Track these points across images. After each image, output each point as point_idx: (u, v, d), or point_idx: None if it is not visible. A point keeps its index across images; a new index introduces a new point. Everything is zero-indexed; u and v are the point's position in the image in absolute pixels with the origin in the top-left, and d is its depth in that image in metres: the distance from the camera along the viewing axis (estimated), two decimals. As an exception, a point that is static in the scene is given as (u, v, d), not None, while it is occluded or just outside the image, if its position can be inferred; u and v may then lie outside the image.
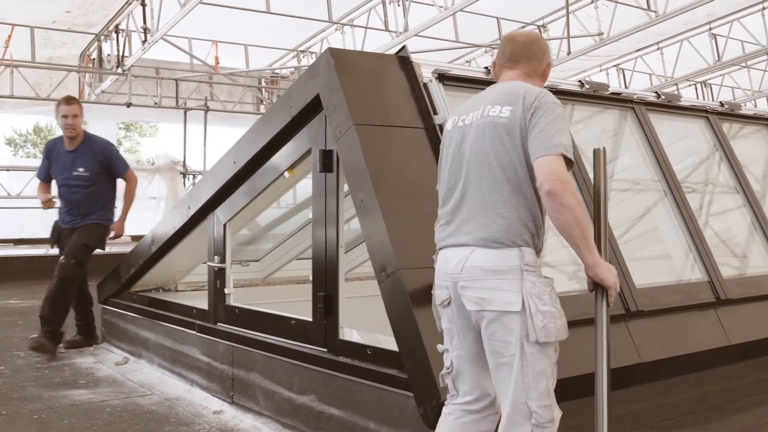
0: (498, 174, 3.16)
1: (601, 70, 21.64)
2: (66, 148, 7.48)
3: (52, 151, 7.62)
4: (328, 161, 4.60)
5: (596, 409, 3.28)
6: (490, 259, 3.12)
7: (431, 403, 3.72)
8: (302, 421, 4.77)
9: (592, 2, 16.56)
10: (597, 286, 3.26)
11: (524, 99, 3.18)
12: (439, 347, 3.42)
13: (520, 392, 3.09)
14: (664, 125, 6.13)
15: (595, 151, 3.50)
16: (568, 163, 3.10)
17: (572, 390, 3.58)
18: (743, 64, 21.08)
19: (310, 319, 4.81)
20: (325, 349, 4.63)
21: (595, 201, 3.45)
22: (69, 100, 7.52)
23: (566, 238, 3.12)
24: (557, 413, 3.15)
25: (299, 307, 5.16)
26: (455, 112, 3.48)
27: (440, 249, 3.33)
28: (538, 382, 3.09)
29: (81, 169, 7.38)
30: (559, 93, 5.39)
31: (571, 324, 3.24)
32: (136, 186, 7.88)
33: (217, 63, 18.18)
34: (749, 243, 6.35)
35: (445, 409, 3.40)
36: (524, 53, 3.48)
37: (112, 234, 7.60)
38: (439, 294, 3.32)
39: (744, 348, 5.36)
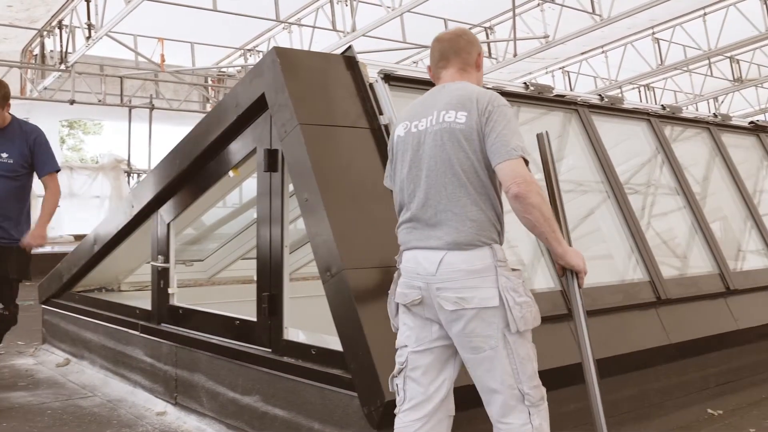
0: (462, 178, 3.24)
1: (546, 73, 21.86)
2: None
3: None
4: (273, 161, 4.59)
5: (588, 389, 3.44)
6: (465, 260, 3.21)
7: (375, 403, 3.73)
8: (246, 422, 4.74)
9: (539, 5, 16.72)
10: (567, 272, 3.42)
11: (477, 103, 3.27)
12: (398, 344, 3.43)
13: (511, 379, 3.24)
14: (607, 127, 6.22)
15: (539, 136, 3.59)
16: (525, 162, 3.21)
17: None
18: (685, 69, 21.46)
19: (255, 320, 4.78)
20: (270, 350, 4.61)
21: (547, 183, 3.55)
22: None
23: (536, 234, 3.28)
24: (544, 391, 3.33)
25: (244, 307, 5.14)
26: (404, 118, 3.50)
27: (406, 250, 3.39)
28: (525, 366, 3.25)
29: (5, 155, 5.89)
30: (505, 95, 5.38)
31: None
32: (58, 197, 6.26)
33: (163, 61, 17.98)
34: (689, 244, 6.47)
35: (397, 422, 3.39)
36: (452, 49, 3.58)
37: (27, 244, 5.99)
38: (407, 293, 3.35)
39: (683, 347, 5.46)
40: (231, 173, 5.13)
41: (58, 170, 6.27)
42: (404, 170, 3.39)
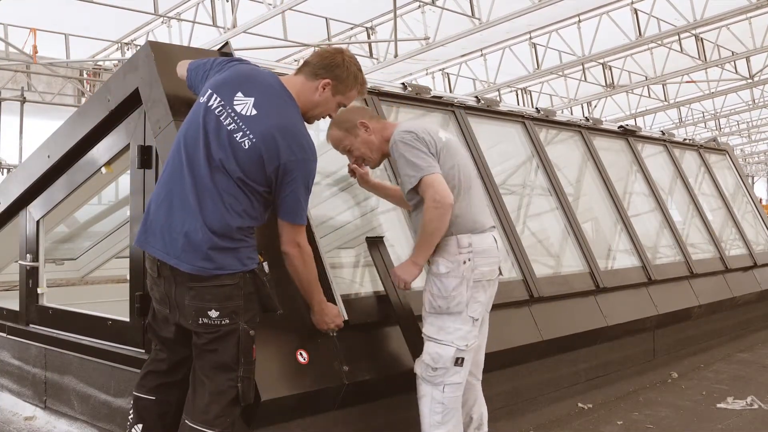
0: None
1: (427, 74, 22.13)
2: None
3: None
4: (146, 157, 4.48)
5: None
6: None
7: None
8: (119, 425, 4.63)
9: (419, 7, 16.89)
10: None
11: None
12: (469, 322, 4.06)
13: None
14: (483, 129, 6.33)
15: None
16: None
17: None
18: (560, 73, 22.10)
19: (128, 320, 4.67)
20: (143, 350, 4.51)
21: None
22: None
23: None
24: None
25: (117, 307, 5.01)
26: (435, 127, 4.28)
27: (486, 231, 4.11)
28: None
29: None
30: (383, 95, 5.49)
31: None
32: None
33: (35, 52, 17.33)
34: (562, 243, 6.66)
35: (455, 391, 4.05)
36: None
37: None
38: (495, 269, 4.15)
39: (555, 343, 5.62)
40: (104, 170, 4.99)
41: None
42: (461, 168, 4.09)
